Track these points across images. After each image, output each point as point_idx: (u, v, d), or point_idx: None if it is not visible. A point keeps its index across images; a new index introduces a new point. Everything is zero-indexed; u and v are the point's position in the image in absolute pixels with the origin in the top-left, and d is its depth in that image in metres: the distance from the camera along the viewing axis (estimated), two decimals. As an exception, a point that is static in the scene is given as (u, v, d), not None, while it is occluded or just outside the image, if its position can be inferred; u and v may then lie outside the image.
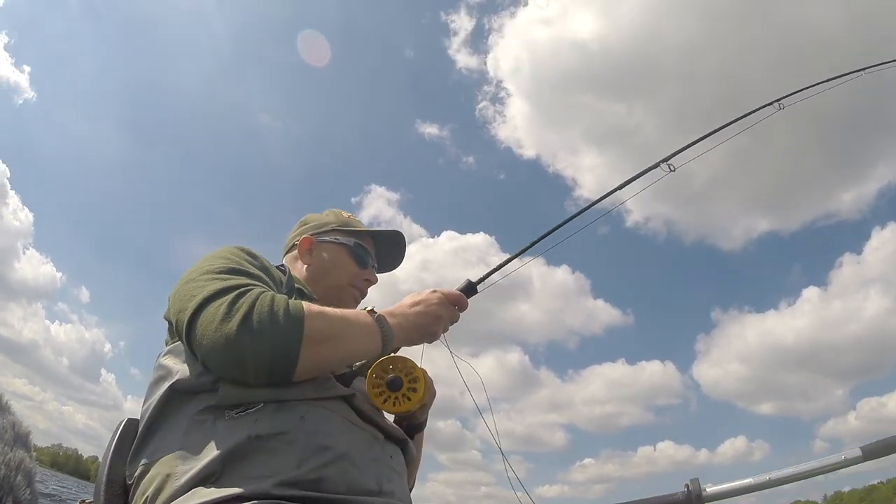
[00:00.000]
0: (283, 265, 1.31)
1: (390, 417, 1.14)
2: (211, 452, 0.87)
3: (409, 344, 1.10)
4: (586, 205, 1.51)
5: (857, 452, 0.99)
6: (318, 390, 0.97)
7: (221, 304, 0.91)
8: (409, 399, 1.05)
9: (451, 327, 1.18)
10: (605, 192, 1.53)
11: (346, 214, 1.43)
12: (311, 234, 1.37)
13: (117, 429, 1.10)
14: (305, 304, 0.96)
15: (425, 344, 1.13)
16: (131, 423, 1.09)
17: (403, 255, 1.47)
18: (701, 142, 1.68)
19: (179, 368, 0.99)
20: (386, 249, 1.44)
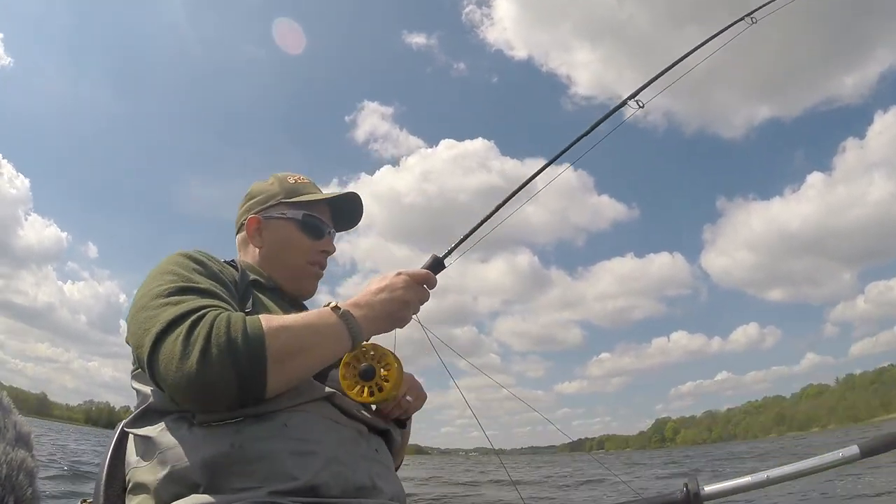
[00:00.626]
0: (234, 261, 1.24)
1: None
2: (193, 462, 0.86)
3: (379, 333, 1.06)
4: (545, 163, 1.42)
5: (855, 450, 1.00)
6: (295, 397, 0.95)
7: (178, 339, 0.86)
8: (381, 388, 1.03)
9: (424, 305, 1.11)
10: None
11: (291, 179, 1.33)
12: (258, 212, 1.28)
13: (115, 432, 1.11)
14: (264, 320, 0.91)
15: (397, 329, 1.08)
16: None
17: (361, 211, 1.38)
18: (671, 71, 1.59)
19: (151, 392, 0.98)
20: (341, 208, 1.35)
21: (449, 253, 1.19)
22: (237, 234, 1.34)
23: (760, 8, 1.82)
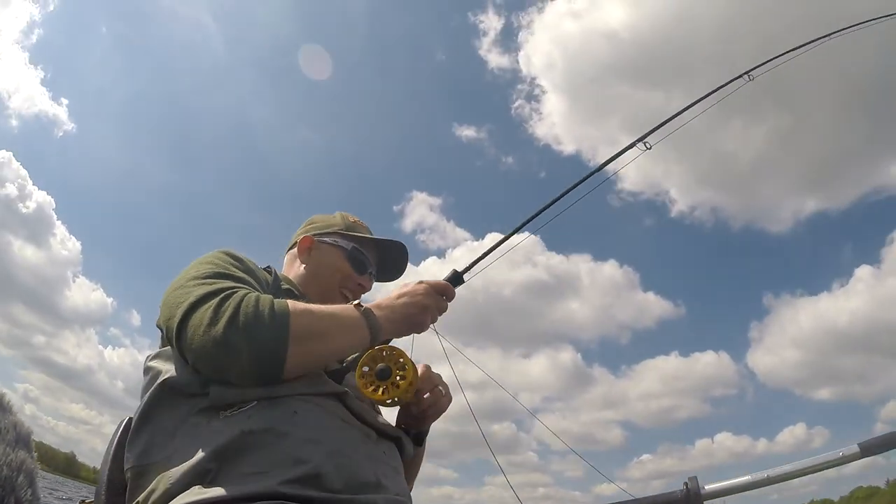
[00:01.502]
0: (269, 266, 1.30)
1: (391, 416, 1.14)
2: (204, 450, 0.87)
3: (398, 335, 1.12)
4: (572, 184, 1.53)
5: (855, 449, 1.00)
6: (309, 386, 0.97)
7: (208, 309, 0.92)
8: (397, 387, 1.05)
9: (442, 317, 1.19)
10: (590, 170, 1.54)
11: (352, 219, 1.43)
12: (313, 235, 1.37)
13: (118, 428, 1.10)
14: (291, 302, 0.97)
15: (415, 335, 1.15)
16: (131, 423, 1.08)
17: (405, 265, 1.47)
18: (676, 118, 1.71)
19: (168, 368, 1.00)
20: (389, 259, 1.44)
21: (469, 268, 1.27)
22: (288, 250, 1.42)
23: (757, 67, 1.92)
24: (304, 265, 1.35)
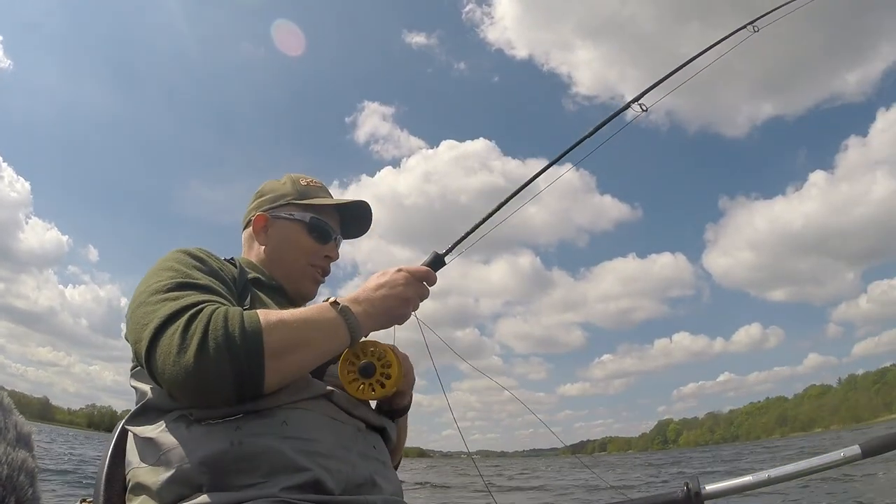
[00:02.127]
0: (233, 258, 1.24)
1: (372, 403, 1.13)
2: (192, 460, 0.86)
3: (378, 329, 1.06)
4: (538, 170, 1.40)
5: (857, 450, 1.00)
6: (296, 393, 0.95)
7: (175, 333, 0.87)
8: (382, 385, 1.02)
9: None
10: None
11: (304, 181, 1.33)
12: (266, 210, 1.29)
13: (115, 432, 1.11)
14: (262, 315, 0.91)
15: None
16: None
17: (370, 220, 1.39)
18: (674, 75, 1.58)
19: (150, 389, 0.98)
20: (350, 216, 1.36)
21: (449, 250, 1.18)
22: (243, 230, 1.34)
23: (763, 17, 1.82)
24: (262, 246, 1.27)
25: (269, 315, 0.92)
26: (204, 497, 0.83)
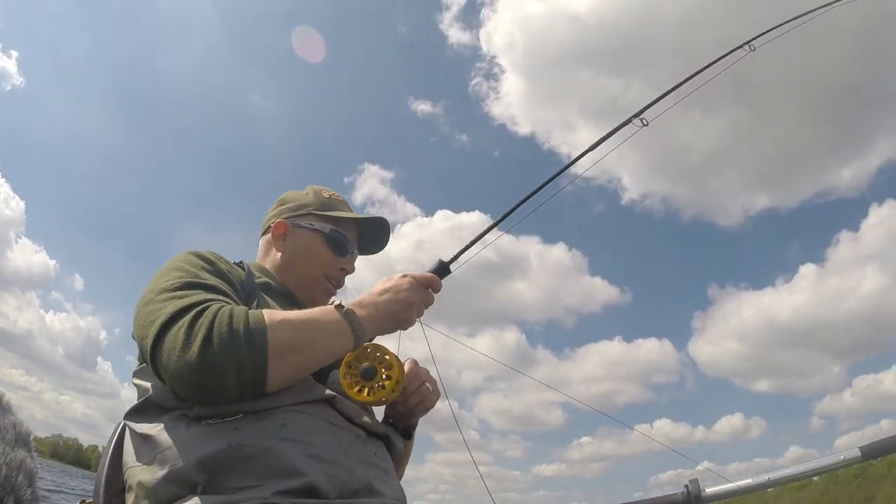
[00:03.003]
0: (241, 262, 1.24)
1: (379, 410, 1.12)
2: (189, 460, 0.86)
3: (383, 333, 1.05)
4: (556, 171, 1.40)
5: (857, 453, 1.00)
6: (297, 395, 0.94)
7: (181, 329, 0.87)
8: (383, 387, 1.02)
9: (429, 309, 1.11)
10: (576, 155, 1.42)
11: (326, 193, 1.34)
12: (286, 218, 1.29)
13: (115, 430, 1.10)
14: (267, 315, 0.91)
15: (401, 331, 1.08)
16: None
17: (388, 238, 1.38)
18: (674, 92, 1.60)
19: (151, 386, 0.98)
20: (369, 232, 1.36)
21: (455, 258, 1.19)
22: (262, 235, 1.35)
23: (758, 37, 1.84)
24: (280, 253, 1.27)
25: (273, 315, 0.92)
26: (196, 499, 0.82)
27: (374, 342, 1.06)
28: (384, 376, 1.02)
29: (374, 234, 1.36)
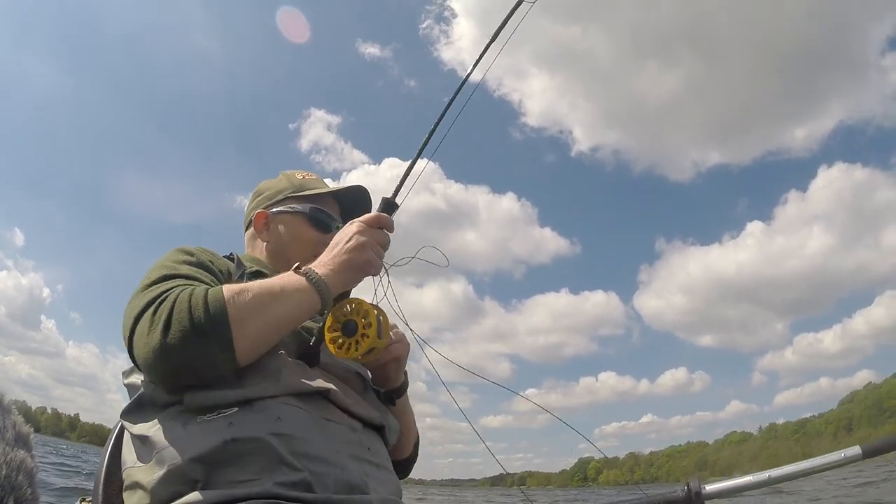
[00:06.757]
0: (231, 254, 1.24)
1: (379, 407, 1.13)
2: (187, 457, 0.86)
3: (351, 285, 1.05)
4: (459, 84, 1.27)
5: (857, 451, 1.01)
6: (291, 387, 0.95)
7: (146, 318, 0.90)
8: (367, 336, 1.02)
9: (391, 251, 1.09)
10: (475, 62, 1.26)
11: (299, 175, 1.34)
12: (265, 208, 1.30)
13: (115, 428, 1.11)
14: (225, 288, 0.92)
15: (384, 281, 1.08)
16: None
17: (370, 205, 1.35)
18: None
19: (141, 384, 0.99)
20: (350, 202, 1.35)
21: (396, 192, 1.15)
22: (245, 230, 1.35)
23: None
24: (266, 242, 1.28)
25: (232, 286, 0.94)
26: (197, 494, 0.83)
27: (350, 298, 1.07)
28: (364, 325, 1.03)
29: (355, 203, 1.35)
